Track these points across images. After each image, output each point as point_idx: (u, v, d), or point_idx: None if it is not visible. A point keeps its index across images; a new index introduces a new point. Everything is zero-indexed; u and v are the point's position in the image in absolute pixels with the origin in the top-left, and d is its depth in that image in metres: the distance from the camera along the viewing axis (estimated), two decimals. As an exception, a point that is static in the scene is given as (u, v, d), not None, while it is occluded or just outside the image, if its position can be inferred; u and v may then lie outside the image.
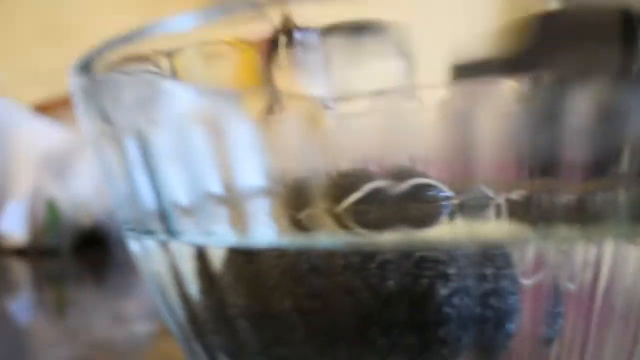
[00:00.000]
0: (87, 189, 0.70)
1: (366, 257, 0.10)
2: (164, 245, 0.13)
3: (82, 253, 0.68)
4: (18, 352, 0.25)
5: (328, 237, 0.11)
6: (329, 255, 0.11)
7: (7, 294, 0.47)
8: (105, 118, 0.12)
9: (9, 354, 0.24)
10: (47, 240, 0.67)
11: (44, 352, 0.26)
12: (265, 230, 0.12)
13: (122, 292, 0.43)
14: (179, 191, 0.12)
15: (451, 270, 0.11)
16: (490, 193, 0.12)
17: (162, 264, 0.13)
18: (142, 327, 0.30)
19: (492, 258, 0.11)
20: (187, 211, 0.12)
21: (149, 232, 0.13)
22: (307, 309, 0.11)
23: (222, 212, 0.12)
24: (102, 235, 0.71)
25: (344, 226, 0.11)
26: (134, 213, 0.13)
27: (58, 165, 0.72)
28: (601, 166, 0.11)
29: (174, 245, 0.12)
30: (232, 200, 0.11)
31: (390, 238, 0.11)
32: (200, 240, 0.12)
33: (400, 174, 0.11)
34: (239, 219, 0.12)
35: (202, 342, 0.13)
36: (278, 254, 0.11)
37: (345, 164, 0.12)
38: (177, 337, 0.15)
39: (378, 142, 0.11)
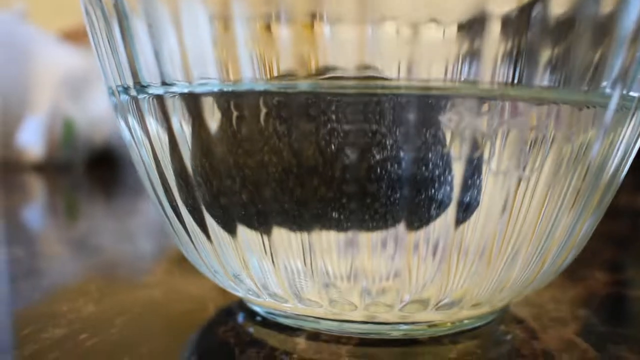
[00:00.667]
0: (103, 110, 0.73)
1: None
2: (159, 99, 0.15)
3: (95, 170, 0.72)
4: (30, 255, 0.27)
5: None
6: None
7: (23, 203, 0.50)
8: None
9: (22, 257, 0.26)
10: (63, 155, 0.71)
11: (52, 257, 0.28)
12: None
13: (129, 211, 0.46)
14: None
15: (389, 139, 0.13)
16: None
17: (157, 123, 0.15)
18: (144, 245, 0.32)
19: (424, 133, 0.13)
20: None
21: (144, 87, 0.15)
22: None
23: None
24: (114, 155, 0.74)
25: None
26: (128, 73, 0.15)
27: (77, 86, 0.74)
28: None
29: (169, 99, 0.14)
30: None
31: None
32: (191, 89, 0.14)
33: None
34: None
35: (190, 204, 0.15)
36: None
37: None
38: (155, 202, 0.17)
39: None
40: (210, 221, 0.15)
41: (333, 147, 0.13)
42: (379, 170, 0.13)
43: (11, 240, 0.31)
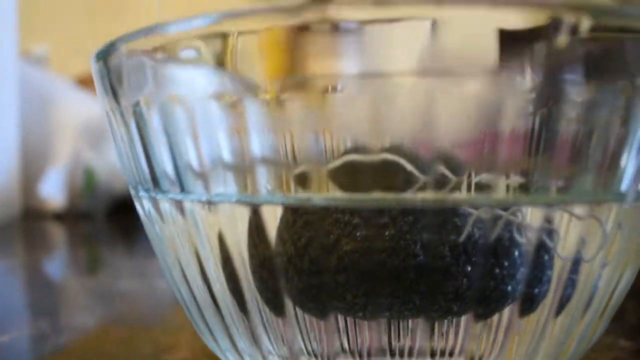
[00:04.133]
0: (122, 158, 0.74)
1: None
2: (178, 204, 0.15)
3: (115, 218, 0.73)
4: (52, 305, 0.27)
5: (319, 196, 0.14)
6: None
7: (45, 253, 0.50)
8: (114, 96, 0.15)
9: (43, 307, 0.26)
10: (84, 204, 0.71)
11: (75, 306, 0.29)
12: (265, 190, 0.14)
13: (149, 254, 0.46)
14: (191, 158, 0.14)
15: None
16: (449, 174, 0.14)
17: (175, 224, 0.15)
18: (164, 284, 0.32)
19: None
20: (199, 174, 0.15)
21: (164, 192, 0.15)
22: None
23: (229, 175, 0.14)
24: (133, 202, 0.75)
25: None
26: (149, 175, 0.16)
27: (96, 134, 0.75)
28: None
29: (187, 204, 0.15)
30: (239, 166, 0.14)
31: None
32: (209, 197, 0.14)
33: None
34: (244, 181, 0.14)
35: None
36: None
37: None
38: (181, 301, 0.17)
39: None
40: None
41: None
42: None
43: (34, 307, 0.31)
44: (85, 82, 0.90)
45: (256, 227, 0.14)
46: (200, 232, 0.15)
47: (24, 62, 0.79)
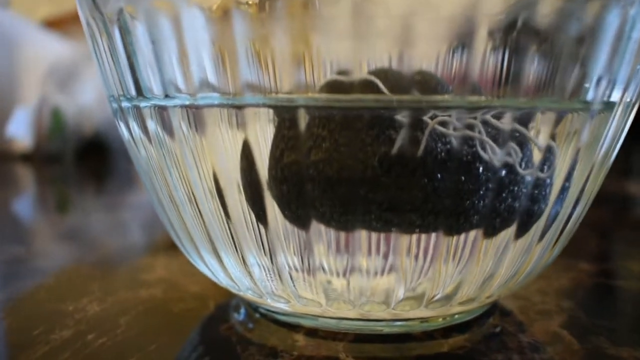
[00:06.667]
0: (91, 99, 0.73)
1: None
2: (163, 114, 0.15)
3: (84, 160, 0.72)
4: (20, 246, 0.27)
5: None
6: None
7: (13, 194, 0.50)
8: (94, 4, 0.15)
9: (12, 248, 0.27)
10: (52, 146, 0.71)
11: (43, 248, 0.29)
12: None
13: (119, 201, 0.46)
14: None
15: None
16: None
17: (158, 128, 0.16)
18: (140, 238, 0.33)
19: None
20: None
21: (147, 98, 0.15)
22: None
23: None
24: (104, 144, 0.74)
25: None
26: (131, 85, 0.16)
27: (64, 76, 0.74)
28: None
29: (174, 121, 0.15)
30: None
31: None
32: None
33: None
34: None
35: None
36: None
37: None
38: (154, 196, 0.17)
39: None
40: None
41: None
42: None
43: (6, 236, 0.31)
44: (53, 24, 0.88)
45: (243, 144, 0.15)
46: (186, 152, 0.15)
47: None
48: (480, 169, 0.14)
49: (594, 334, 0.17)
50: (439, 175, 0.14)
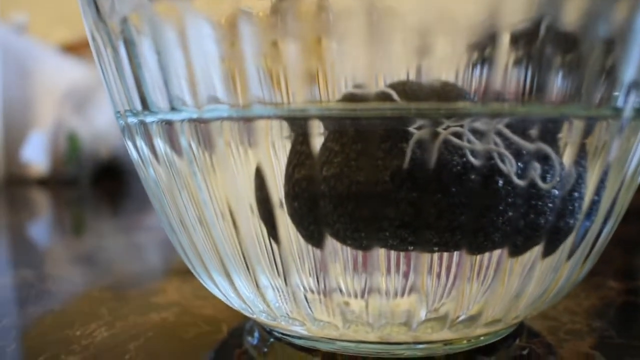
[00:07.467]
0: (107, 123, 0.73)
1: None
2: (169, 131, 0.15)
3: (100, 183, 0.72)
4: (32, 270, 0.27)
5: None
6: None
7: (28, 218, 0.50)
8: (97, 13, 0.15)
9: (24, 271, 0.26)
10: (68, 170, 0.71)
11: (56, 272, 0.28)
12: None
13: (135, 224, 0.46)
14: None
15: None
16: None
17: (164, 145, 0.15)
18: (153, 260, 0.32)
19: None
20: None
21: (153, 112, 0.15)
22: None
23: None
24: (120, 168, 0.74)
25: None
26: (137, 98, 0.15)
27: (79, 100, 0.75)
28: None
29: (182, 140, 0.14)
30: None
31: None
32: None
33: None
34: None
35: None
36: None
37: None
38: (164, 219, 0.17)
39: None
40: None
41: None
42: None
43: (18, 261, 0.31)
44: (69, 48, 0.88)
45: (256, 163, 0.14)
46: (195, 171, 0.15)
47: (5, 29, 0.78)
48: (499, 182, 0.13)
49: (628, 355, 0.16)
50: (453, 190, 0.13)
